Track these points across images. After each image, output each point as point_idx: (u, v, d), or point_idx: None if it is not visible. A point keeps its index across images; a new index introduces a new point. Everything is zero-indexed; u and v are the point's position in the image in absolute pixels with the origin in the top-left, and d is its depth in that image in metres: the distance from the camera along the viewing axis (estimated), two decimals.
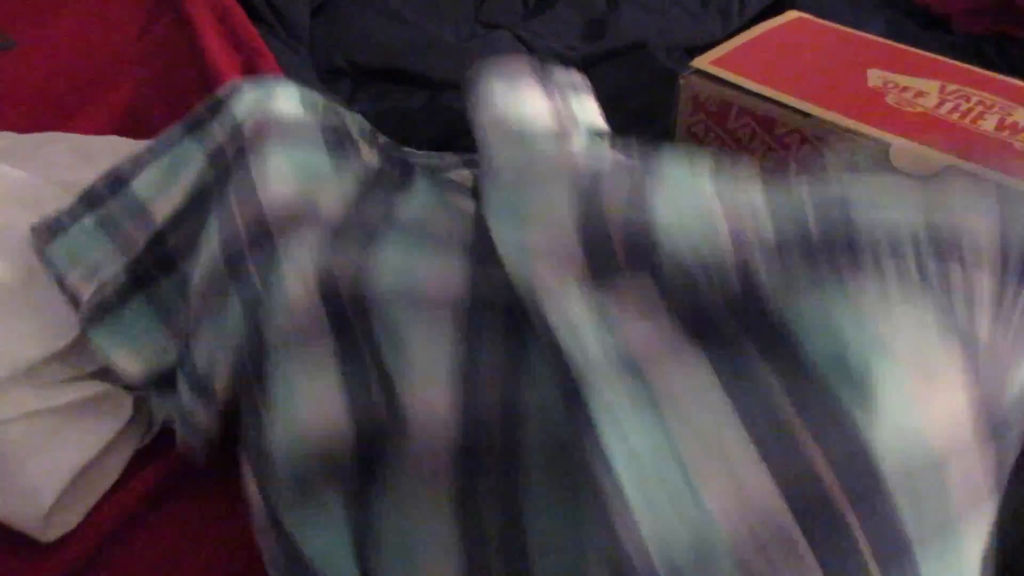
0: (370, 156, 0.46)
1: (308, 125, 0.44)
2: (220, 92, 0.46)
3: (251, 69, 0.56)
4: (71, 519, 0.42)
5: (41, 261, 0.46)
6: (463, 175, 0.49)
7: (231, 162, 0.43)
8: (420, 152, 0.52)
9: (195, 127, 0.46)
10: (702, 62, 0.54)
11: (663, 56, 0.68)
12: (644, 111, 0.63)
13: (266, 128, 0.42)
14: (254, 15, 0.63)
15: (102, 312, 0.43)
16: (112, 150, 0.56)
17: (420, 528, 0.32)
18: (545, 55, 0.67)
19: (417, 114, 0.64)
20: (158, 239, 0.44)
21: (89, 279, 0.45)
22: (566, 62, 0.67)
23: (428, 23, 0.69)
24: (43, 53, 0.77)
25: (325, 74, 0.64)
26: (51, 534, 0.41)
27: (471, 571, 0.32)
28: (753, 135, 0.52)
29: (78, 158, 0.55)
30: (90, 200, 0.46)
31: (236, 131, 0.44)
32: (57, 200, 0.49)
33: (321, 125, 0.45)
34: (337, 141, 0.45)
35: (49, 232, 0.46)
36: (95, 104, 0.68)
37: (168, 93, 0.64)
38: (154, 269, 0.44)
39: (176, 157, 0.46)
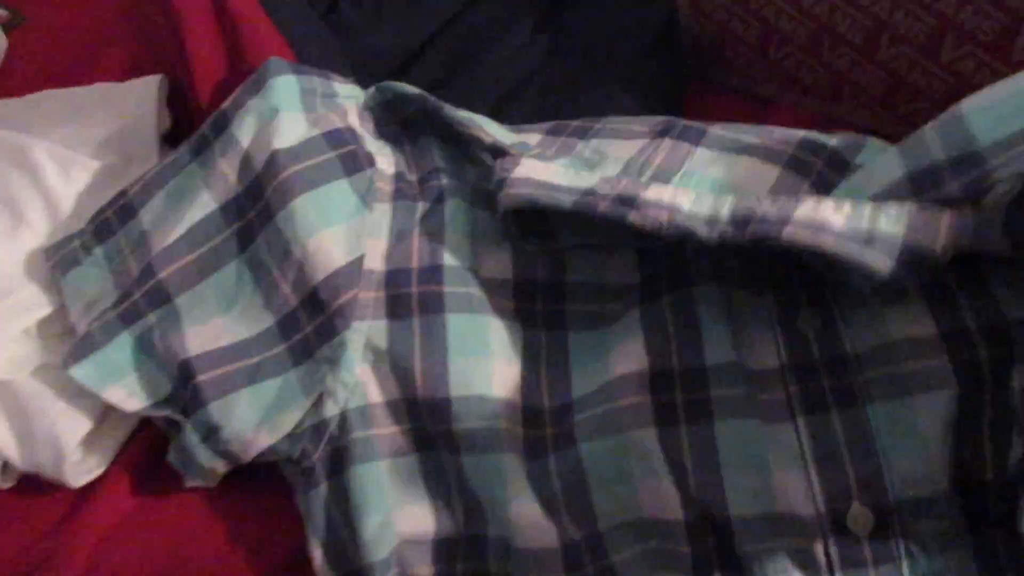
0: (385, 159, 0.44)
1: (319, 147, 0.42)
2: (224, 106, 0.44)
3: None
4: (96, 464, 0.43)
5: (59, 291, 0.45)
6: (490, 134, 0.43)
7: (256, 222, 0.42)
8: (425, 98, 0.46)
9: (201, 149, 0.45)
10: None
11: None
12: None
13: (286, 182, 0.41)
14: None
15: (85, 349, 0.41)
16: (103, 99, 0.55)
17: None
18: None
19: None
20: (148, 271, 0.42)
21: (86, 315, 0.43)
22: None
23: None
24: (47, 25, 0.77)
25: None
26: (78, 480, 0.42)
27: None
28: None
29: (70, 111, 0.54)
30: (101, 230, 0.45)
31: (248, 169, 0.42)
32: (52, 159, 0.49)
33: (329, 141, 0.43)
34: (352, 160, 0.43)
35: (65, 264, 0.45)
36: (96, 68, 0.67)
37: (158, 55, 0.62)
38: (143, 304, 0.42)
39: (181, 184, 0.44)
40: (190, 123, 0.53)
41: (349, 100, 0.46)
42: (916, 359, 0.34)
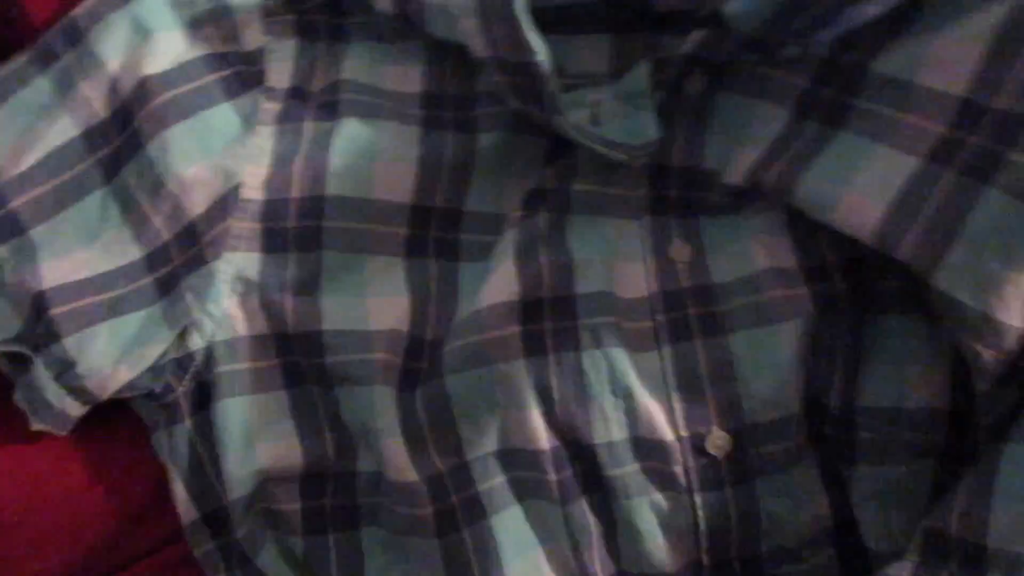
0: (282, 71, 0.40)
1: (197, 70, 0.39)
2: (76, 15, 0.40)
3: None
4: None
5: None
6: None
7: (123, 151, 0.39)
8: None
9: (47, 61, 0.40)
10: None
11: None
12: None
13: (159, 109, 0.38)
14: None
15: None
16: None
17: None
18: None
19: None
20: None
21: None
22: None
23: None
24: None
25: None
26: None
27: None
28: None
29: None
30: None
31: (115, 94, 0.39)
32: None
33: (208, 64, 0.39)
34: (234, 82, 0.40)
35: None
36: None
37: None
38: None
39: (29, 101, 0.40)
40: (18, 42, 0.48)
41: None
42: (778, 289, 0.35)
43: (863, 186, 0.33)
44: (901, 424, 0.34)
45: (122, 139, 0.39)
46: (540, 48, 0.34)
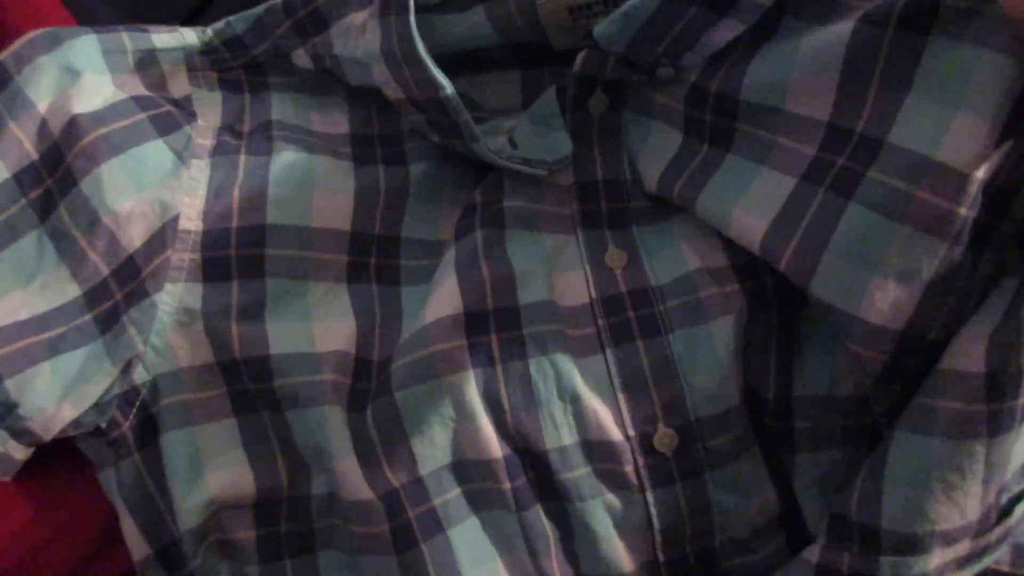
0: (212, 112, 0.41)
1: (127, 109, 0.39)
2: (2, 59, 0.39)
3: None
4: None
5: None
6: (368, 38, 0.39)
7: (55, 191, 0.38)
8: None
9: None
10: None
11: None
12: None
13: (91, 146, 0.38)
14: None
15: None
16: None
17: None
18: None
19: None
20: None
21: None
22: None
23: None
24: None
25: None
26: None
27: None
28: None
29: None
30: None
31: (44, 135, 0.38)
32: None
33: (139, 103, 0.40)
34: (166, 119, 0.40)
35: None
36: None
37: None
38: None
39: None
40: None
41: (174, 53, 0.42)
42: (711, 287, 0.37)
43: (749, 204, 0.35)
44: (834, 411, 0.35)
45: (54, 178, 0.39)
46: (446, 83, 0.37)
